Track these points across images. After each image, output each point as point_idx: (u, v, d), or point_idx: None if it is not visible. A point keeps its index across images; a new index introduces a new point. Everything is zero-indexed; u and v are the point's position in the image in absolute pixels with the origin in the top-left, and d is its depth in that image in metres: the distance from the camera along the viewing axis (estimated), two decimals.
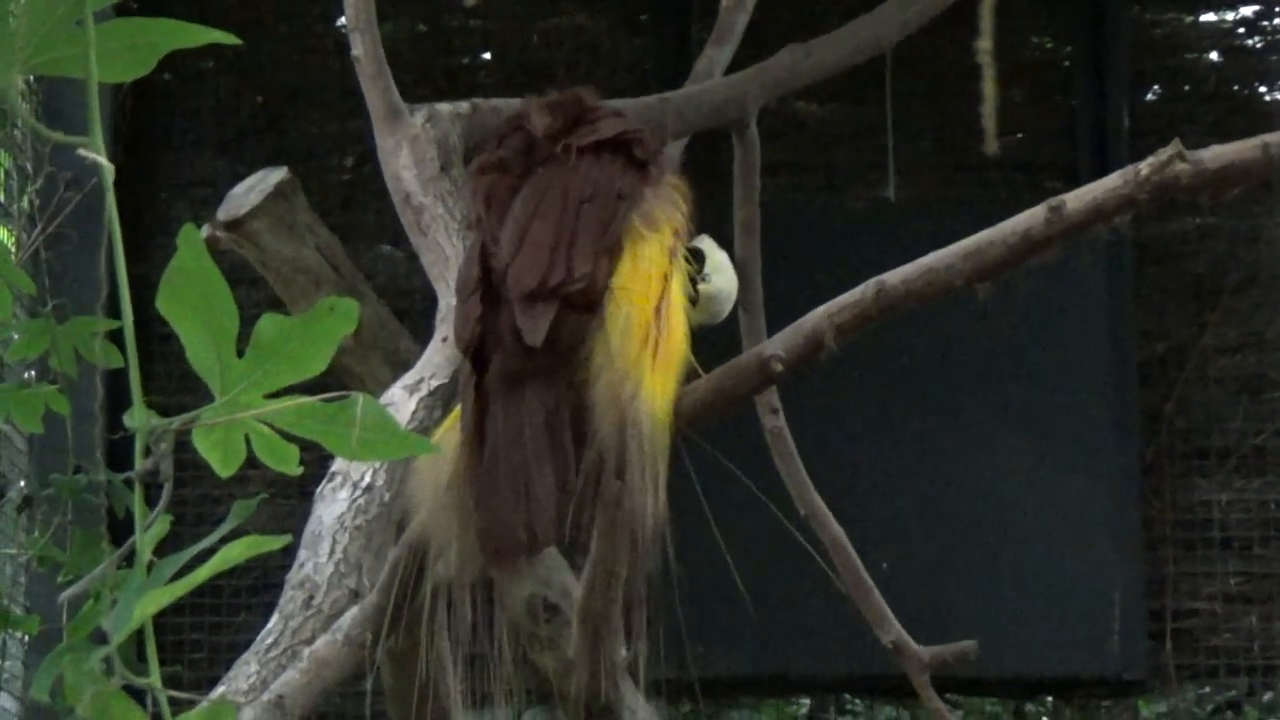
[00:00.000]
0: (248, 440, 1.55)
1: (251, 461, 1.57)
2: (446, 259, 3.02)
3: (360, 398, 1.53)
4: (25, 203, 4.88)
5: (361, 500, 2.79)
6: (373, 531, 2.77)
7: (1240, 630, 5.40)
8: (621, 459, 2.19)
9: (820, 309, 2.25)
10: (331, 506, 2.79)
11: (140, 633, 1.45)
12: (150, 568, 1.47)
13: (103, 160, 1.47)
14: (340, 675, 2.47)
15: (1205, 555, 5.40)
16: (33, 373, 4.16)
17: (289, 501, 5.09)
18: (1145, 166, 2.16)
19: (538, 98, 2.51)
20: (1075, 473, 5.12)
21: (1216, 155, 2.16)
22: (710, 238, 2.57)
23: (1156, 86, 5.67)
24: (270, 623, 2.70)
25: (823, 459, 3.66)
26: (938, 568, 5.04)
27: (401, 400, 2.84)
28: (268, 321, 1.53)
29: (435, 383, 2.87)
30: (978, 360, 5.17)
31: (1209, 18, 5.71)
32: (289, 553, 2.69)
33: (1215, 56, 5.70)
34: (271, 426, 1.54)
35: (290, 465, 1.57)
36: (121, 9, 1.86)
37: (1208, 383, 5.47)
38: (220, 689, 2.58)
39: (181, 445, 1.54)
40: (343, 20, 5.19)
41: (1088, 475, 5.13)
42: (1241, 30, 5.71)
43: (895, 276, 2.22)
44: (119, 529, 4.53)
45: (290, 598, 2.71)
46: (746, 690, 5.59)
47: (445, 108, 3.29)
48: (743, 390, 2.30)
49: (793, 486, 3.39)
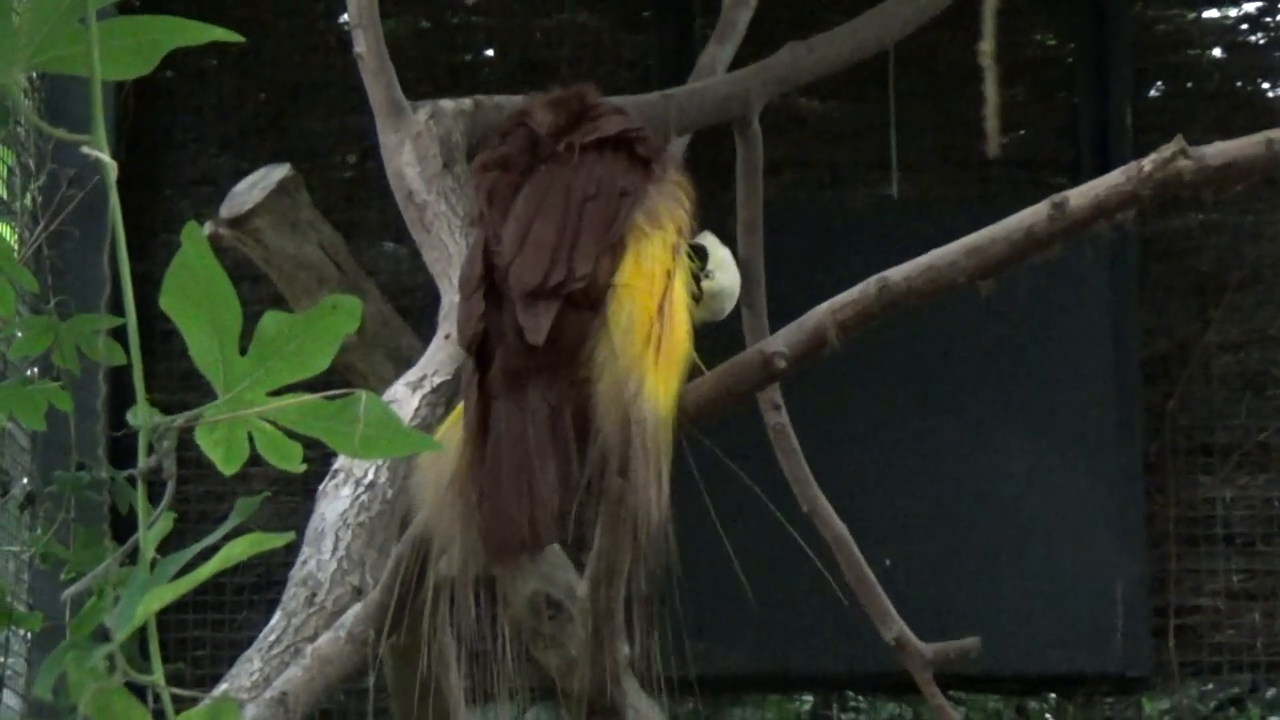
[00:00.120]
0: (250, 438, 1.55)
1: (254, 459, 1.57)
2: (449, 256, 3.03)
3: (363, 395, 1.53)
4: (28, 200, 4.88)
5: (364, 497, 2.79)
6: (375, 529, 2.77)
7: (1243, 627, 5.40)
8: (624, 456, 2.19)
9: (823, 306, 2.24)
10: (334, 503, 2.79)
11: (143, 630, 1.45)
12: (153, 565, 1.47)
13: (105, 158, 1.47)
14: (343, 672, 2.48)
15: (1208, 552, 5.39)
16: (36, 370, 4.16)
17: (292, 499, 5.09)
18: (1148, 163, 2.15)
19: (540, 94, 2.50)
20: (1078, 469, 5.12)
21: (1219, 152, 2.16)
22: (713, 235, 2.56)
23: (1159, 83, 5.67)
24: (273, 620, 2.70)
25: (825, 456, 3.66)
26: (941, 564, 5.04)
27: (404, 397, 2.84)
28: (270, 319, 1.53)
29: (438, 380, 2.87)
30: (981, 357, 5.17)
31: (1211, 14, 5.71)
32: (292, 550, 2.69)
33: (1218, 53, 5.69)
34: (274, 424, 1.54)
35: (293, 462, 1.57)
36: (124, 6, 1.87)
37: (1211, 379, 5.47)
38: (223, 686, 2.58)
39: (184, 443, 1.54)
40: (345, 17, 5.21)
41: (1091, 472, 5.13)
42: (1244, 26, 5.70)
43: (898, 273, 2.22)
44: (122, 526, 4.54)
45: (293, 595, 2.71)
46: (749, 687, 5.59)
47: (448, 105, 3.29)
48: (745, 387, 2.30)
49: (795, 483, 3.39)
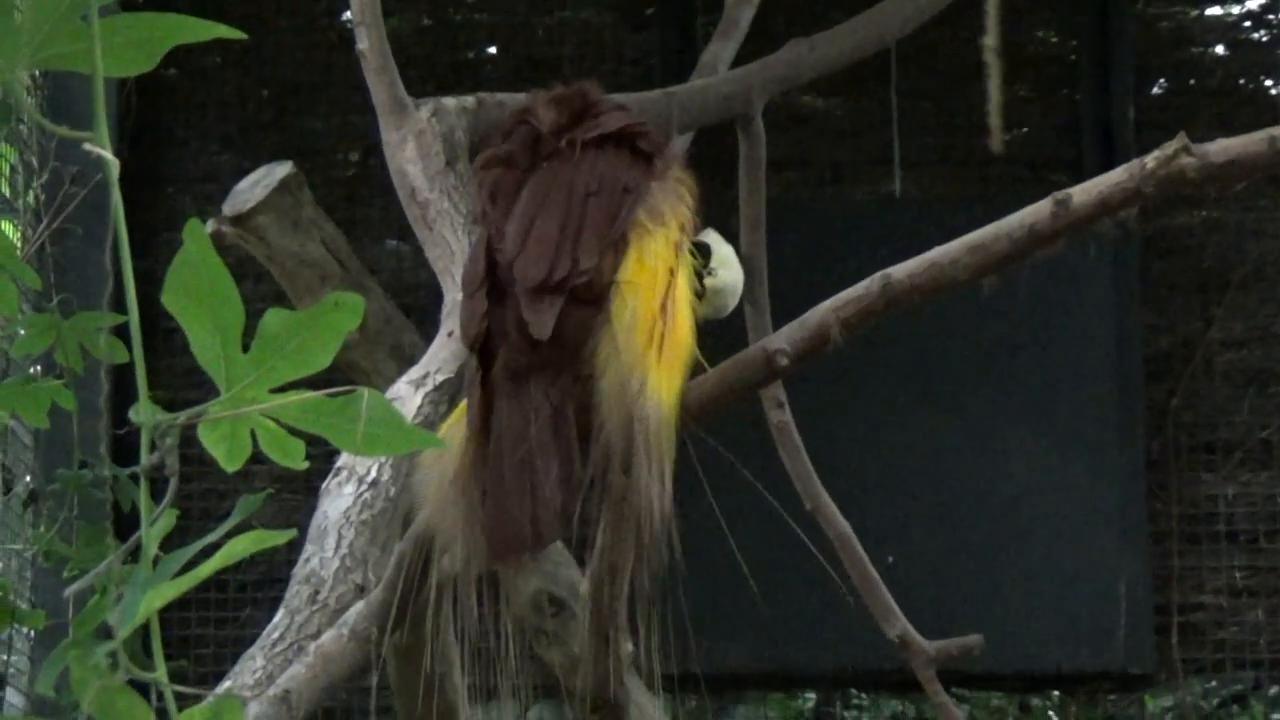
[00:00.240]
0: (253, 435, 1.54)
1: (257, 456, 1.57)
2: (452, 253, 3.02)
3: (366, 392, 1.52)
4: (30, 198, 4.88)
5: (367, 495, 2.79)
6: (378, 526, 2.77)
7: (1246, 624, 5.40)
8: (627, 453, 2.19)
9: (825, 303, 2.24)
10: (337, 501, 2.79)
11: (146, 628, 1.45)
12: (155, 562, 1.46)
13: (108, 155, 1.47)
14: (346, 670, 2.47)
15: (1211, 549, 5.39)
16: (38, 368, 4.16)
17: (294, 496, 5.10)
18: (1151, 160, 2.15)
19: (543, 92, 2.50)
20: (1081, 467, 5.12)
21: (1222, 149, 2.16)
22: (716, 232, 2.56)
23: (1162, 80, 5.66)
24: (276, 618, 2.70)
25: (828, 453, 3.66)
26: (944, 562, 5.04)
27: (407, 395, 2.84)
28: (273, 316, 1.53)
29: (441, 377, 2.87)
30: (983, 354, 5.17)
31: (1214, 11, 5.71)
32: (294, 548, 2.69)
33: (1221, 50, 5.69)
34: (277, 421, 1.54)
35: (296, 460, 1.57)
36: (126, 4, 1.87)
37: (1214, 377, 5.46)
38: (226, 684, 2.58)
39: (187, 440, 1.54)
40: (348, 15, 5.20)
41: (1093, 469, 5.13)
42: (1247, 24, 5.70)
43: (900, 271, 2.22)
44: (124, 524, 4.54)
45: (296, 593, 2.71)
46: (752, 685, 5.59)
47: (450, 102, 3.29)
48: (748, 384, 2.30)
49: (798, 481, 3.39)
